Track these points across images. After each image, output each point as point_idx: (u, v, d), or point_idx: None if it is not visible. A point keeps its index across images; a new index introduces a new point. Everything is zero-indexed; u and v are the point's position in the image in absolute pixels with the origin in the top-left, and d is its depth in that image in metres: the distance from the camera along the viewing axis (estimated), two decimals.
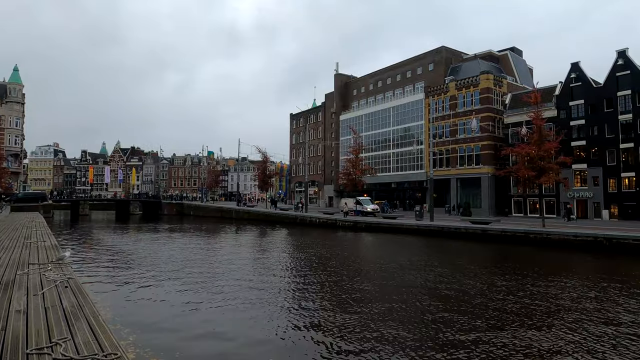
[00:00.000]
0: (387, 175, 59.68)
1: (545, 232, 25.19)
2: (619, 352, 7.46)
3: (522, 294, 11.99)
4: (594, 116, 41.03)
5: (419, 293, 12.04)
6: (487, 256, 22.00)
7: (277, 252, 21.79)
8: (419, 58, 59.46)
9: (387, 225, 34.61)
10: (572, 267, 18.27)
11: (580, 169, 41.40)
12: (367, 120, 64.35)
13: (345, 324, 9.10)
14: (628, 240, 21.39)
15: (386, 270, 16.25)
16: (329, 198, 71.20)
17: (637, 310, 10.35)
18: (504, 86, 50.05)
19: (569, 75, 43.39)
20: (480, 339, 8.14)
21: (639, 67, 38.81)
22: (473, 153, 48.83)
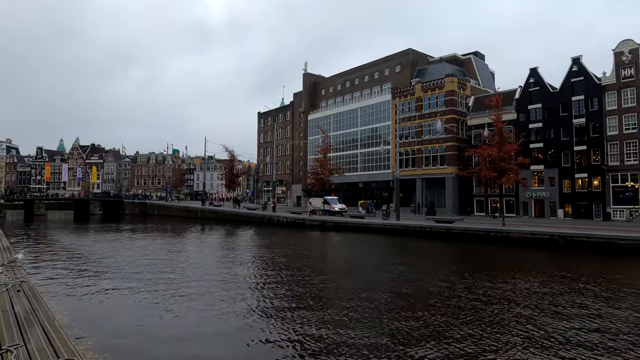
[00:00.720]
0: (355, 175, 60.23)
1: (505, 231, 26.15)
2: (567, 345, 7.82)
3: (481, 292, 12.37)
4: (551, 119, 42.97)
5: (381, 291, 12.18)
6: (451, 254, 22.59)
7: (243, 252, 21.54)
8: (387, 59, 60.36)
9: (354, 225, 34.93)
10: (530, 263, 19.04)
11: (538, 170, 43.26)
12: (335, 120, 64.70)
13: (309, 323, 9.09)
14: (581, 237, 22.57)
15: (351, 269, 16.39)
16: (297, 197, 71.11)
17: (586, 304, 10.90)
18: (467, 89, 51.56)
19: (528, 80, 45.24)
20: (439, 335, 8.33)
21: (592, 74, 40.97)
22: (438, 154, 50.03)
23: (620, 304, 10.93)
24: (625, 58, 38.78)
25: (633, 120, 38.04)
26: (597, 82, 40.28)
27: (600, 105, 39.84)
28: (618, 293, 12.19)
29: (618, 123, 38.84)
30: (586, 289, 12.66)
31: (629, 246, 20.61)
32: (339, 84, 67.09)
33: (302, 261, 18.23)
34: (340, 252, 23.28)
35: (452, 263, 19.24)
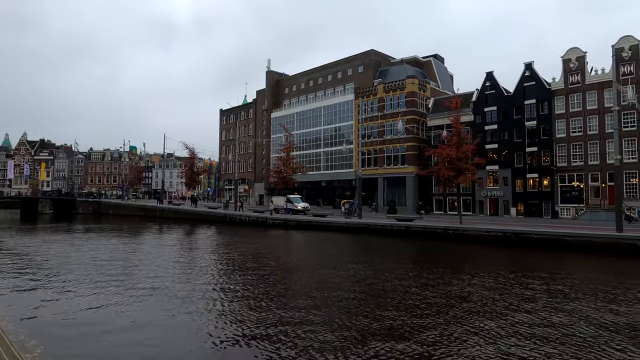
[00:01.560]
0: (318, 173, 60.42)
1: (462, 229, 27.09)
2: (514, 337, 8.20)
3: (436, 288, 12.74)
4: (505, 122, 44.90)
5: (339, 290, 12.25)
6: (410, 252, 23.12)
7: (201, 252, 21.08)
8: (350, 60, 60.91)
9: (317, 223, 35.05)
10: (485, 260, 19.82)
11: (493, 170, 45.10)
12: (298, 118, 64.62)
13: (270, 322, 9.03)
14: (531, 234, 23.77)
15: (314, 267, 16.43)
16: (260, 196, 70.48)
17: (532, 297, 11.47)
18: (427, 91, 52.94)
19: (484, 83, 47.03)
20: (393, 331, 8.51)
21: (543, 79, 43.16)
22: (399, 153, 51.08)
23: (564, 297, 11.56)
24: (572, 65, 41.09)
25: (579, 124, 40.40)
26: (547, 87, 42.46)
27: (550, 109, 42.03)
28: (563, 287, 12.91)
29: (566, 126, 41.13)
30: (535, 284, 13.31)
31: (574, 242, 21.91)
32: (303, 83, 67.06)
33: (262, 260, 18.08)
34: (302, 251, 23.28)
35: (410, 261, 19.69)
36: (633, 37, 37.82)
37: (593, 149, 39.52)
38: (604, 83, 38.34)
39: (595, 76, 39.80)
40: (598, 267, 17.38)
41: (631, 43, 37.80)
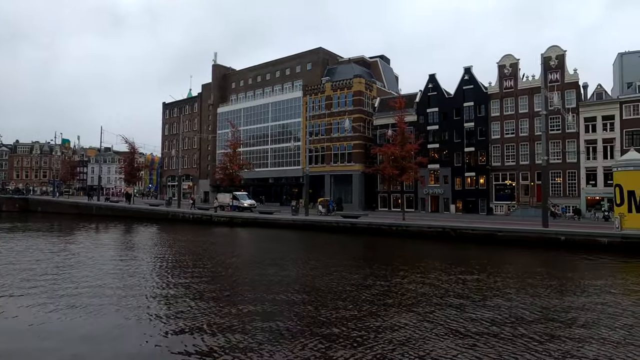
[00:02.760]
0: (265, 170, 59.87)
1: (405, 225, 27.99)
2: (443, 329, 8.60)
3: (377, 284, 13.06)
4: (446, 123, 46.98)
5: (287, 287, 12.19)
6: (355, 248, 23.51)
7: (141, 252, 20.07)
8: (298, 56, 60.81)
9: (263, 221, 34.70)
10: (425, 255, 20.61)
11: (434, 169, 47.06)
12: (245, 114, 63.59)
13: (214, 323, 8.78)
14: (468, 230, 25.07)
15: (258, 265, 16.20)
16: (205, 193, 68.59)
17: (465, 293, 12.10)
18: (373, 90, 54.12)
19: (427, 85, 48.90)
20: (345, 328, 8.61)
21: (480, 83, 45.63)
22: (346, 151, 51.84)
23: (494, 291, 12.28)
24: (507, 71, 43.80)
25: (512, 126, 43.17)
26: (484, 90, 44.95)
27: (486, 111, 44.55)
28: (495, 281, 13.72)
29: (500, 128, 43.80)
30: (468, 280, 14.03)
31: (506, 237, 23.41)
32: (250, 78, 66.03)
33: (205, 259, 17.58)
34: (247, 249, 22.94)
35: (354, 257, 20.01)
36: (559, 47, 40.96)
37: (524, 150, 42.41)
38: (534, 89, 41.20)
39: (526, 82, 42.68)
40: (527, 260, 18.67)
41: (557, 53, 40.93)
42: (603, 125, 38.79)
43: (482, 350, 7.28)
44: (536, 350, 7.30)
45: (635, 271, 16.58)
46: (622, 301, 10.81)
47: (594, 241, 20.99)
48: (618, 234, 20.91)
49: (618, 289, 12.51)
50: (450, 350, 7.26)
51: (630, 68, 50.77)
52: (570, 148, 40.10)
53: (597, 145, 38.88)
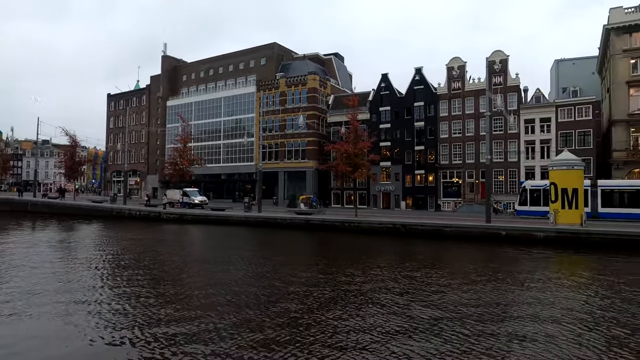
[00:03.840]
0: (217, 166, 58.61)
1: (357, 221, 28.44)
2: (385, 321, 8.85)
3: (331, 281, 13.18)
4: (397, 121, 48.18)
5: (235, 286, 11.93)
6: (308, 245, 23.58)
7: (80, 251, 18.92)
8: (252, 51, 59.89)
9: (215, 217, 33.97)
10: (377, 251, 21.04)
11: (386, 166, 48.15)
12: (197, 108, 61.81)
13: (160, 324, 8.46)
14: (417, 226, 25.88)
15: (205, 263, 15.79)
16: (153, 189, 66.01)
17: (410, 289, 12.49)
18: (328, 88, 54.41)
19: (380, 84, 49.86)
20: (299, 327, 8.59)
21: (430, 84, 47.16)
22: (300, 148, 51.80)
23: (438, 287, 12.78)
24: (455, 73, 45.56)
25: (459, 126, 45.02)
26: (433, 91, 46.51)
27: (435, 111, 46.14)
28: (440, 276, 14.27)
29: (448, 128, 45.54)
30: (416, 276, 14.49)
31: (452, 233, 24.42)
32: (202, 71, 64.20)
33: (150, 258, 16.91)
34: (194, 247, 22.30)
35: (306, 254, 20.09)
36: (502, 52, 43.17)
37: (470, 149, 44.38)
38: (479, 91, 43.17)
39: (472, 84, 44.64)
40: (470, 255, 19.57)
41: (501, 57, 43.12)
42: (541, 127, 41.39)
43: (431, 346, 7.51)
44: (478, 344, 7.64)
45: (567, 263, 17.85)
46: (557, 291, 11.59)
47: (531, 236, 22.36)
48: (553, 229, 22.42)
49: (553, 280, 13.39)
50: (396, 349, 7.43)
51: (565, 74, 54.57)
52: (512, 148, 42.46)
53: (535, 146, 41.43)
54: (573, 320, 8.87)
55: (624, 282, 12.83)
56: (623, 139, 36.66)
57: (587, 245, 20.44)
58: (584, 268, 16.42)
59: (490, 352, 7.05)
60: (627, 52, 37.37)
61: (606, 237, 20.73)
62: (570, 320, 8.86)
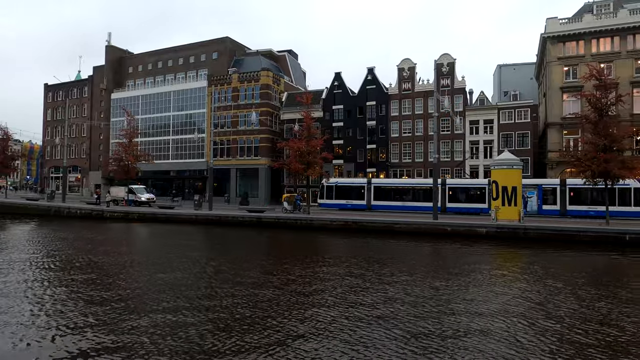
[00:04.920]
0: (166, 162, 56.59)
1: (309, 219, 28.55)
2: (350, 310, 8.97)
3: (277, 282, 13.14)
4: (350, 120, 48.81)
5: (174, 288, 11.41)
6: (258, 244, 23.30)
7: (6, 253, 17.51)
8: (204, 44, 58.28)
9: (163, 216, 32.82)
10: (329, 248, 21.23)
11: (339, 164, 48.66)
12: (144, 102, 59.29)
13: (80, 330, 8.02)
14: (368, 223, 26.43)
15: (149, 265, 15.19)
16: (96, 186, 62.53)
17: (358, 287, 12.73)
18: (281, 85, 54.08)
19: (333, 83, 50.24)
20: (246, 327, 8.46)
21: (382, 83, 48.17)
22: (252, 145, 51.13)
23: (384, 285, 13.10)
24: (405, 74, 46.82)
25: (409, 126, 46.36)
26: (385, 91, 47.54)
27: (387, 111, 47.21)
28: (389, 273, 14.64)
29: (399, 127, 46.76)
30: (366, 275, 14.77)
31: (402, 229, 25.12)
32: (150, 64, 61.59)
33: (93, 257, 16.02)
34: (138, 246, 21.38)
35: (253, 253, 19.86)
36: (450, 55, 44.92)
37: (419, 148, 45.85)
38: (428, 92, 44.64)
39: (422, 85, 46.09)
40: (419, 250, 20.22)
41: (449, 60, 44.84)
42: (484, 128, 43.52)
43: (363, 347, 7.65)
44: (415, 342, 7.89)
45: (506, 256, 18.90)
46: (495, 283, 12.25)
47: (475, 232, 23.50)
48: (494, 225, 23.68)
49: (493, 272, 14.13)
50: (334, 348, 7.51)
51: (506, 78, 57.74)
52: (458, 147, 44.33)
53: (479, 146, 43.52)
54: (505, 312, 9.38)
55: (552, 275, 13.77)
56: (557, 141, 39.36)
57: (525, 240, 21.78)
58: (517, 262, 17.48)
59: (428, 349, 7.30)
60: (561, 60, 40.15)
61: (542, 233, 22.20)
62: (503, 312, 9.37)
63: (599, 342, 7.45)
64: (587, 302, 10.24)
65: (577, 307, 9.73)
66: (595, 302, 10.18)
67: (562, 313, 9.26)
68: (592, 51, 39.04)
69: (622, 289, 11.89)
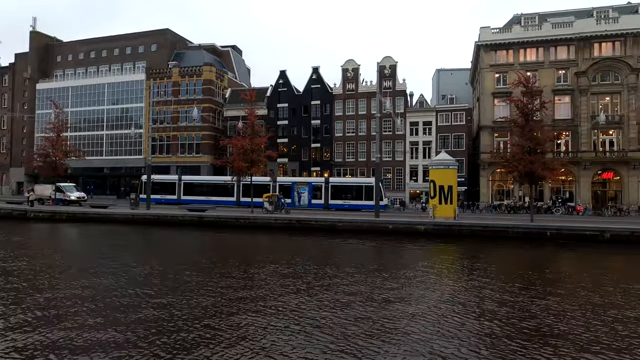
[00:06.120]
0: (99, 159, 53.28)
1: (252, 217, 28.14)
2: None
3: (216, 284, 12.83)
4: (295, 119, 48.79)
5: (96, 297, 10.58)
6: (197, 245, 22.61)
7: None
8: (142, 35, 55.54)
9: (95, 215, 30.82)
10: (273, 247, 21.06)
11: (283, 163, 48.49)
12: (75, 94, 55.37)
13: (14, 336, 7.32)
14: (312, 221, 26.55)
15: (71, 269, 14.10)
16: (18, 184, 57.56)
17: (296, 286, 12.79)
18: (225, 81, 52.88)
19: (278, 80, 49.94)
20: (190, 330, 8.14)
21: (327, 83, 48.62)
22: (194, 142, 49.55)
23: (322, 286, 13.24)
24: (349, 74, 47.60)
25: (352, 126, 47.22)
26: (330, 90, 48.05)
27: (331, 110, 47.75)
28: (329, 271, 14.80)
29: (342, 127, 47.48)
30: (308, 277, 14.82)
31: (345, 227, 25.51)
32: (82, 53, 57.62)
33: (8, 261, 14.67)
34: (61, 250, 19.85)
35: (189, 255, 19.26)
36: (392, 58, 46.30)
37: (362, 148, 46.85)
38: (371, 93, 45.73)
39: (365, 86, 47.12)
40: (360, 247, 20.64)
41: (391, 63, 46.20)
42: (423, 130, 45.37)
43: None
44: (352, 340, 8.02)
45: (442, 252, 19.82)
46: (433, 278, 12.78)
47: (414, 229, 24.39)
48: (431, 222, 24.73)
49: (432, 268, 14.75)
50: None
51: (444, 82, 60.64)
52: (399, 148, 45.85)
53: (418, 147, 45.31)
54: (434, 307, 9.82)
55: (479, 268, 14.65)
56: (489, 143, 41.94)
57: (459, 236, 22.96)
58: (450, 256, 18.42)
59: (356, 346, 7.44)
60: (493, 67, 42.82)
61: (475, 229, 23.51)
62: (433, 307, 9.80)
63: (517, 332, 7.99)
64: (510, 294, 10.96)
65: (499, 298, 10.39)
66: (516, 294, 10.93)
67: (486, 303, 9.84)
68: (520, 60, 42.02)
69: (541, 279, 12.90)
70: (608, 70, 40.20)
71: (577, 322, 8.42)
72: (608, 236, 21.22)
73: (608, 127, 39.87)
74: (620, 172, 39.13)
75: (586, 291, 11.22)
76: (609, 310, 9.30)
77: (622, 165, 38.86)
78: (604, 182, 40.60)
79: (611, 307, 9.56)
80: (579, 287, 11.78)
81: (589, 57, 40.44)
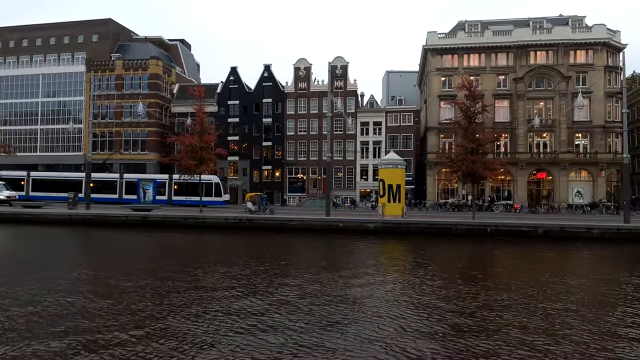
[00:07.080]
0: (34, 155, 49.65)
1: (201, 217, 27.40)
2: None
3: (160, 289, 12.40)
4: (246, 116, 48.09)
5: (16, 307, 10.11)
6: (138, 247, 21.69)
7: None
8: (82, 24, 52.35)
9: (28, 216, 28.70)
10: (222, 247, 20.61)
11: (234, 161, 47.67)
12: (4, 84, 51.23)
13: None
14: (262, 220, 26.30)
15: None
16: None
17: (253, 287, 12.65)
18: (172, 76, 51.09)
19: (229, 77, 48.98)
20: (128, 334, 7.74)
21: (279, 81, 48.31)
22: (139, 138, 47.49)
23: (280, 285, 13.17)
24: (301, 73, 47.62)
25: (304, 125, 47.30)
26: (282, 89, 47.81)
27: (283, 109, 47.55)
28: (281, 270, 14.73)
29: (294, 125, 47.44)
30: (261, 277, 14.67)
31: (296, 226, 25.49)
32: (13, 41, 53.39)
33: None
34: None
35: (127, 258, 18.47)
36: (343, 58, 46.86)
37: (314, 147, 47.05)
38: (323, 92, 46.03)
39: (317, 86, 47.35)
40: (311, 245, 20.73)
41: (342, 63, 46.73)
42: (374, 130, 46.34)
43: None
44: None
45: (390, 249, 20.33)
46: (383, 276, 13.06)
47: (364, 227, 24.83)
48: (381, 220, 25.30)
49: (380, 265, 15.06)
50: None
51: (394, 84, 62.23)
52: (349, 147, 46.51)
53: (369, 146, 46.21)
54: (381, 297, 10.06)
55: (424, 263, 15.20)
56: (435, 143, 43.58)
57: (407, 234, 23.66)
58: (396, 253, 18.96)
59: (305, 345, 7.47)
60: (439, 71, 44.52)
61: (421, 227, 24.32)
62: (379, 298, 10.03)
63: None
64: (451, 286, 11.44)
65: (443, 290, 10.82)
66: (459, 286, 11.42)
67: (429, 295, 10.21)
68: (464, 64, 44.01)
69: (473, 272, 13.59)
70: (542, 77, 43.11)
71: (511, 313, 8.93)
72: (541, 232, 22.74)
73: (542, 130, 42.75)
74: (553, 172, 42.14)
75: (518, 282, 11.95)
76: (540, 302, 9.94)
77: (554, 166, 41.87)
78: (538, 181, 43.55)
79: (543, 299, 10.23)
80: (513, 280, 12.52)
81: (526, 64, 43.15)
